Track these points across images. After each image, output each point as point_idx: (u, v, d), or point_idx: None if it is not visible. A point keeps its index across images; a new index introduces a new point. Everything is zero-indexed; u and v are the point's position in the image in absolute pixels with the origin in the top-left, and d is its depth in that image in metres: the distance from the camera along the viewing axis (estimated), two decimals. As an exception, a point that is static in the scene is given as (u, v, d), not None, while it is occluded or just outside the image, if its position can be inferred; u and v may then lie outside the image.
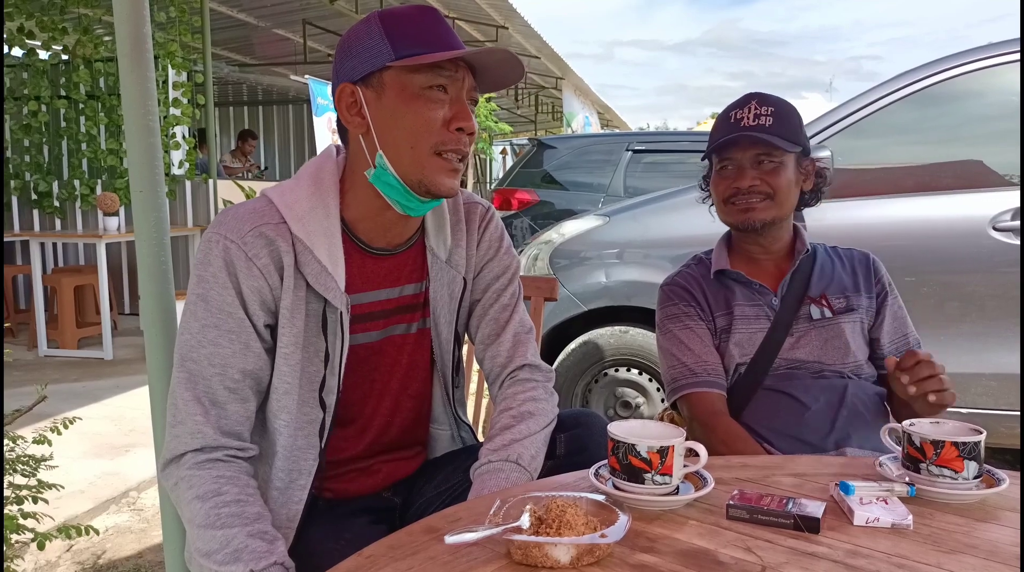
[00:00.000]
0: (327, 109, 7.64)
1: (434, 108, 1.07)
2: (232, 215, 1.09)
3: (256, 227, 1.07)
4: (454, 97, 1.08)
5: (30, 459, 1.92)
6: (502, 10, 9.36)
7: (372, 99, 1.09)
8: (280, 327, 1.09)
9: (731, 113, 1.50)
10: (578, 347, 3.04)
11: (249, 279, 1.06)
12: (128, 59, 1.47)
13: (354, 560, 0.80)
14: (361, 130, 1.10)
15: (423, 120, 1.07)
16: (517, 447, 1.14)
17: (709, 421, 1.45)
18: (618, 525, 0.79)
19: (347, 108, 1.11)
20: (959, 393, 2.64)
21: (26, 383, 4.24)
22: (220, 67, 8.70)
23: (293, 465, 1.13)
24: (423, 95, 1.06)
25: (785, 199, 1.49)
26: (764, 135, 1.44)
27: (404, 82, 1.07)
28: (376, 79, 1.08)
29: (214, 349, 1.06)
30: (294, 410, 1.11)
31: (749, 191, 1.47)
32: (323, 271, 1.09)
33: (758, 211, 1.48)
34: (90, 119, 6.32)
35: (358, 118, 1.10)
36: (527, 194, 6.10)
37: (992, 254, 2.52)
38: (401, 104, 1.07)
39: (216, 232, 1.07)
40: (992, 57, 2.61)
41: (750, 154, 1.47)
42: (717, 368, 1.51)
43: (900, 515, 0.88)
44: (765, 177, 1.47)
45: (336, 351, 1.12)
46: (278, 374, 1.10)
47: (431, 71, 1.06)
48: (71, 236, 5.49)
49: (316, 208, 1.10)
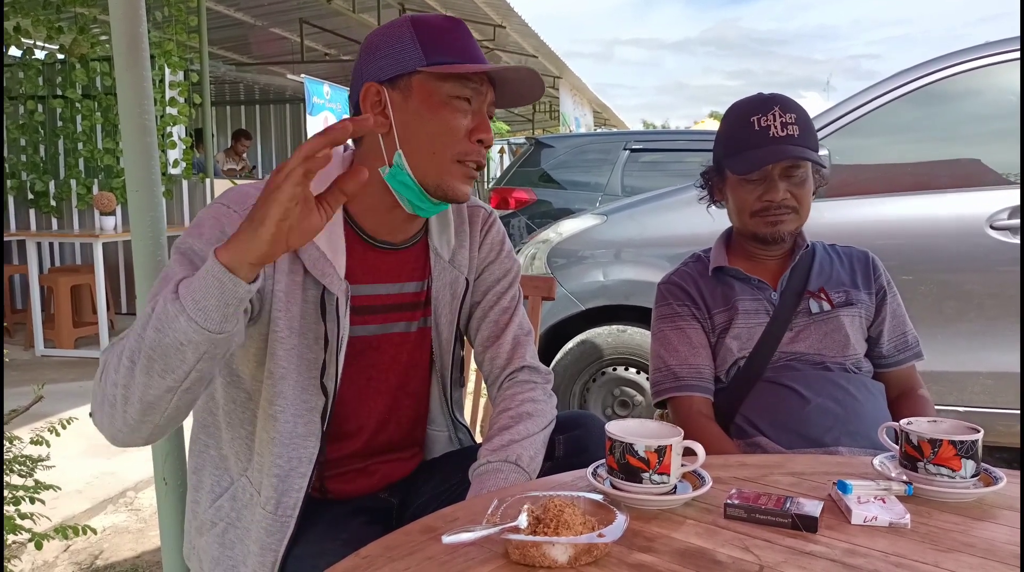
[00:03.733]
0: (322, 108, 7.63)
1: (458, 117, 1.09)
2: (237, 190, 1.10)
3: None
4: (476, 109, 1.11)
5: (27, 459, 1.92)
6: (499, 9, 9.35)
7: (397, 100, 1.10)
8: (275, 311, 1.09)
9: (753, 118, 1.46)
10: (576, 346, 3.04)
11: None
12: (124, 58, 1.47)
13: (351, 560, 0.79)
14: (382, 129, 1.11)
15: (447, 128, 1.09)
16: (516, 448, 1.14)
17: (688, 424, 1.45)
18: (616, 524, 0.79)
19: (371, 107, 1.11)
20: (957, 392, 2.65)
21: (23, 383, 4.22)
22: (217, 66, 8.67)
23: (293, 452, 1.12)
24: (449, 104, 1.09)
25: (806, 210, 1.50)
26: (799, 150, 1.43)
27: (432, 88, 1.09)
28: (404, 82, 1.09)
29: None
30: (292, 396, 1.11)
31: (780, 204, 1.46)
32: (322, 257, 1.09)
33: (786, 224, 1.48)
34: (86, 118, 6.31)
35: (381, 117, 1.11)
36: (524, 193, 6.10)
37: (990, 253, 2.52)
38: (427, 110, 1.09)
39: (218, 202, 1.09)
40: (990, 56, 2.62)
41: (780, 167, 1.45)
42: (703, 371, 1.51)
43: (898, 514, 0.88)
44: (794, 190, 1.46)
45: (335, 337, 1.12)
46: (273, 359, 1.09)
47: (459, 81, 1.08)
48: (68, 236, 5.49)
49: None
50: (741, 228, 1.55)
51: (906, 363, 1.56)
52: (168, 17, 6.07)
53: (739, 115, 1.50)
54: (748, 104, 1.50)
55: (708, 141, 1.70)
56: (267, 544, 1.09)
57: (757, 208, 1.48)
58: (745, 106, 1.50)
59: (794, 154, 1.43)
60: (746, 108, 1.49)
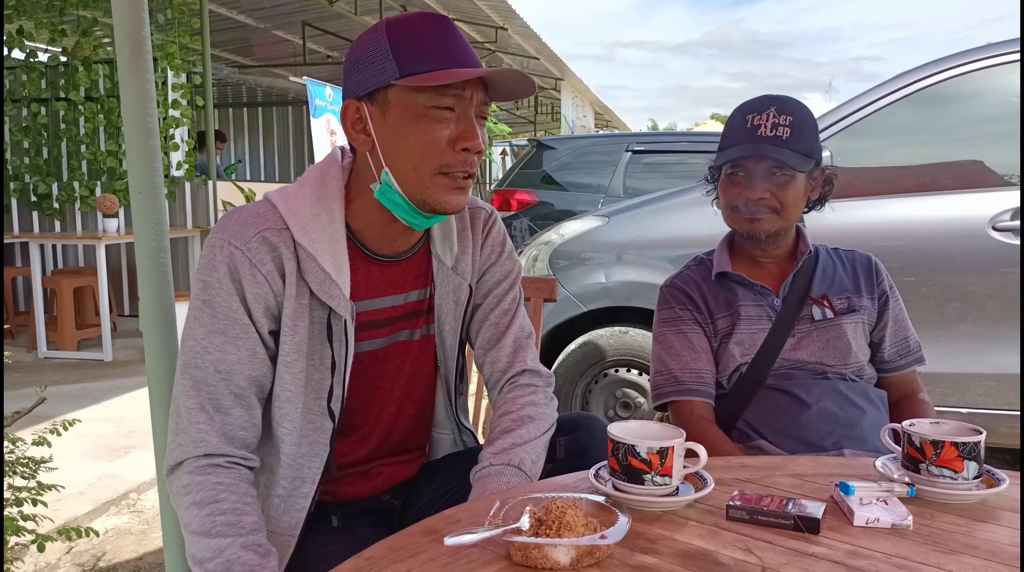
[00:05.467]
0: (325, 110, 7.64)
1: (439, 128, 1.04)
2: (235, 219, 1.08)
3: (260, 232, 1.06)
4: (461, 115, 1.05)
5: (30, 461, 1.92)
6: (501, 11, 9.36)
7: (377, 116, 1.07)
8: (282, 335, 1.08)
9: (748, 117, 1.47)
10: (578, 348, 3.04)
11: (253, 286, 1.05)
12: (127, 61, 1.47)
13: (353, 562, 0.79)
14: (366, 147, 1.09)
15: (427, 140, 1.04)
16: (519, 451, 1.13)
17: (689, 428, 1.45)
18: (618, 526, 0.79)
19: (352, 125, 1.09)
20: (959, 393, 2.65)
21: (26, 385, 4.24)
22: (219, 68, 8.69)
23: (296, 473, 1.12)
24: (428, 114, 1.04)
25: (792, 212, 1.48)
26: (780, 151, 1.42)
27: (408, 101, 1.04)
28: (381, 96, 1.05)
29: (220, 355, 1.05)
30: (298, 419, 1.11)
31: (758, 203, 1.46)
32: (327, 279, 1.08)
33: (764, 222, 1.47)
34: (89, 121, 6.32)
35: (363, 135, 1.08)
36: (526, 195, 6.10)
37: (992, 254, 2.52)
38: (406, 123, 1.05)
39: (220, 237, 1.06)
40: (992, 57, 2.61)
41: (763, 165, 1.45)
42: (704, 375, 1.51)
43: (900, 515, 0.88)
44: (775, 190, 1.45)
45: (342, 359, 1.11)
46: (280, 382, 1.09)
47: (436, 91, 1.03)
48: (70, 238, 5.49)
49: (320, 214, 1.09)
50: (728, 224, 1.56)
51: (907, 368, 1.56)
52: (171, 20, 6.08)
53: (739, 113, 1.51)
54: (750, 103, 1.51)
55: (710, 143, 1.70)
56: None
57: (735, 204, 1.49)
58: (747, 105, 1.51)
59: (765, 152, 1.43)
60: (746, 107, 1.50)
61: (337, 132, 7.83)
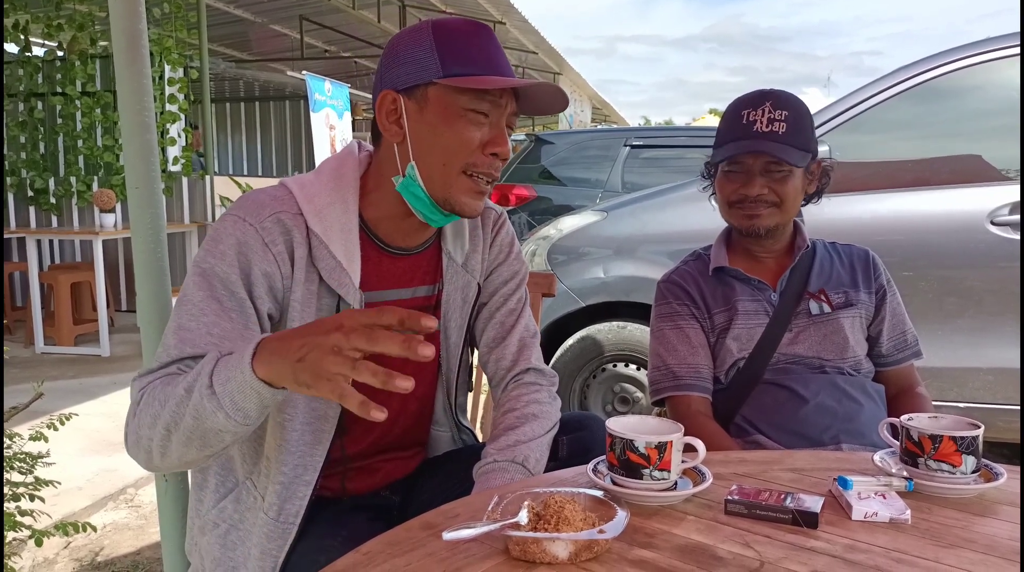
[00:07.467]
0: (324, 105, 7.62)
1: (473, 130, 1.07)
2: (252, 199, 1.09)
3: (275, 213, 1.07)
4: (494, 122, 1.08)
5: (27, 456, 1.92)
6: (499, 5, 9.35)
7: (413, 111, 1.08)
8: (290, 321, 1.08)
9: (744, 112, 1.47)
10: (576, 343, 3.04)
11: (263, 264, 1.05)
12: (124, 55, 1.47)
13: (352, 556, 0.79)
14: (397, 139, 1.10)
15: (461, 140, 1.07)
16: (524, 449, 1.14)
17: (686, 423, 1.45)
18: (616, 521, 0.79)
19: (386, 115, 1.10)
20: (958, 387, 2.65)
21: (23, 380, 4.23)
22: (216, 63, 8.66)
23: (299, 460, 1.12)
24: (465, 116, 1.06)
25: (791, 207, 1.49)
26: (776, 146, 1.42)
27: (448, 100, 1.06)
28: (420, 92, 1.07)
29: (215, 319, 1.03)
30: (302, 404, 1.11)
31: (756, 199, 1.46)
32: (338, 267, 1.09)
33: (763, 218, 1.47)
34: (86, 115, 6.31)
35: (395, 127, 1.09)
36: (525, 190, 6.10)
37: (990, 249, 2.52)
38: (442, 121, 1.07)
39: (234, 214, 1.07)
40: (991, 52, 2.61)
41: (760, 161, 1.45)
42: (701, 370, 1.51)
43: (898, 510, 0.88)
44: (773, 186, 1.45)
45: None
46: None
47: (476, 95, 1.06)
48: (67, 233, 5.49)
49: (335, 203, 1.10)
50: (726, 220, 1.55)
51: (905, 362, 1.56)
52: (168, 14, 6.07)
53: (734, 108, 1.51)
54: (745, 99, 1.50)
55: (708, 137, 1.70)
56: (267, 549, 1.09)
57: (733, 200, 1.49)
58: (742, 100, 1.50)
59: (761, 148, 1.43)
60: (742, 102, 1.50)
61: (336, 127, 7.82)
